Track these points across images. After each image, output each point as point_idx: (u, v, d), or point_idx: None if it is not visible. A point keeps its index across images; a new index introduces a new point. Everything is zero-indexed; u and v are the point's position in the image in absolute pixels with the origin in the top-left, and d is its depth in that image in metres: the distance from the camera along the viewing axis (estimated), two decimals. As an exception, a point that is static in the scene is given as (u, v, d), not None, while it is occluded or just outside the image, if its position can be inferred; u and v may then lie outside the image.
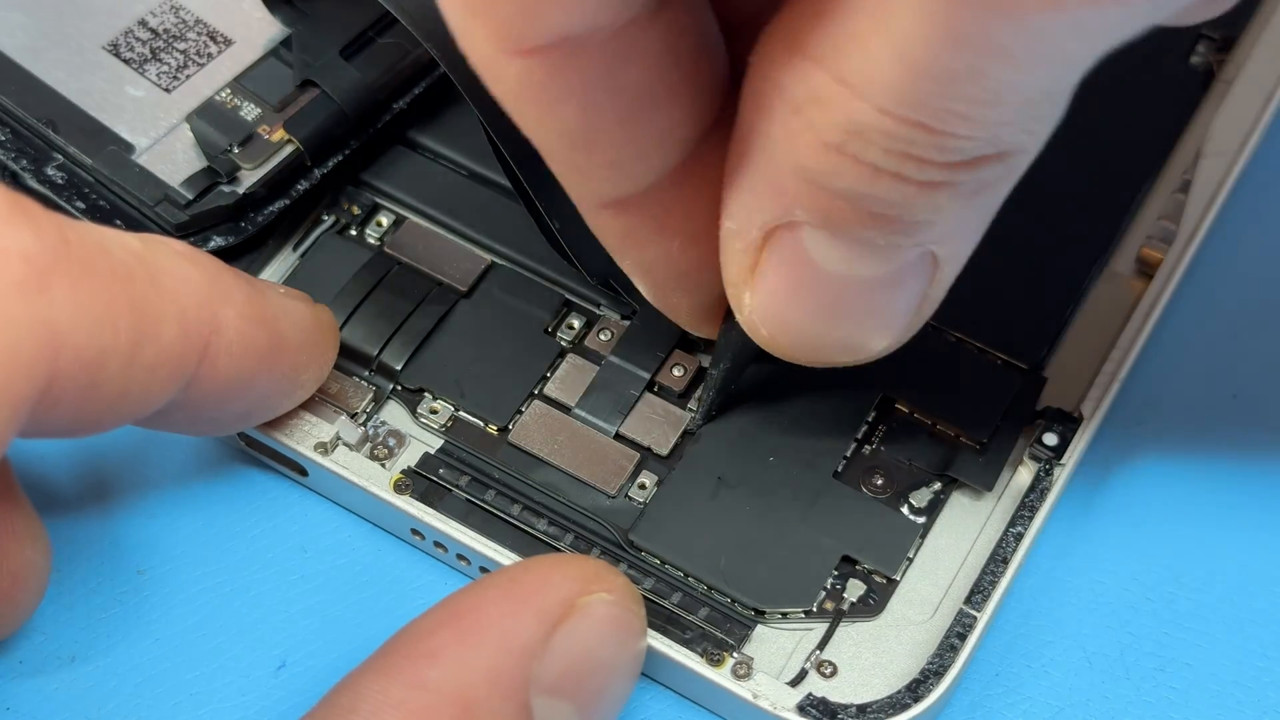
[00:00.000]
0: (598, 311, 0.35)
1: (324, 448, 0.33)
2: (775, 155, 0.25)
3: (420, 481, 0.33)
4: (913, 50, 0.22)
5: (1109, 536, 0.34)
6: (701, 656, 0.30)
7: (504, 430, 0.33)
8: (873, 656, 0.31)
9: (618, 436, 0.33)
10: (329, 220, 0.36)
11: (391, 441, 0.33)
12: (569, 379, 0.34)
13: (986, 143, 0.24)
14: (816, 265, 0.27)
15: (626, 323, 0.35)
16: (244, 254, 0.35)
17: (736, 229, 0.27)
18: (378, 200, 0.36)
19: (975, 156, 0.24)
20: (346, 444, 0.33)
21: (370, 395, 0.33)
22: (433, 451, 0.33)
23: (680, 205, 0.28)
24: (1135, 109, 0.38)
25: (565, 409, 0.34)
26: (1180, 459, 0.35)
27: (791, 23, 0.24)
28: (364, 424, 0.33)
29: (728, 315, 0.31)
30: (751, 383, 0.33)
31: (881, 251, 0.26)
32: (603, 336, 0.34)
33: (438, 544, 0.33)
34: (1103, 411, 0.34)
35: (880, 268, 0.27)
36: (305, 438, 0.33)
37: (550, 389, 0.34)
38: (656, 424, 0.33)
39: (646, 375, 0.34)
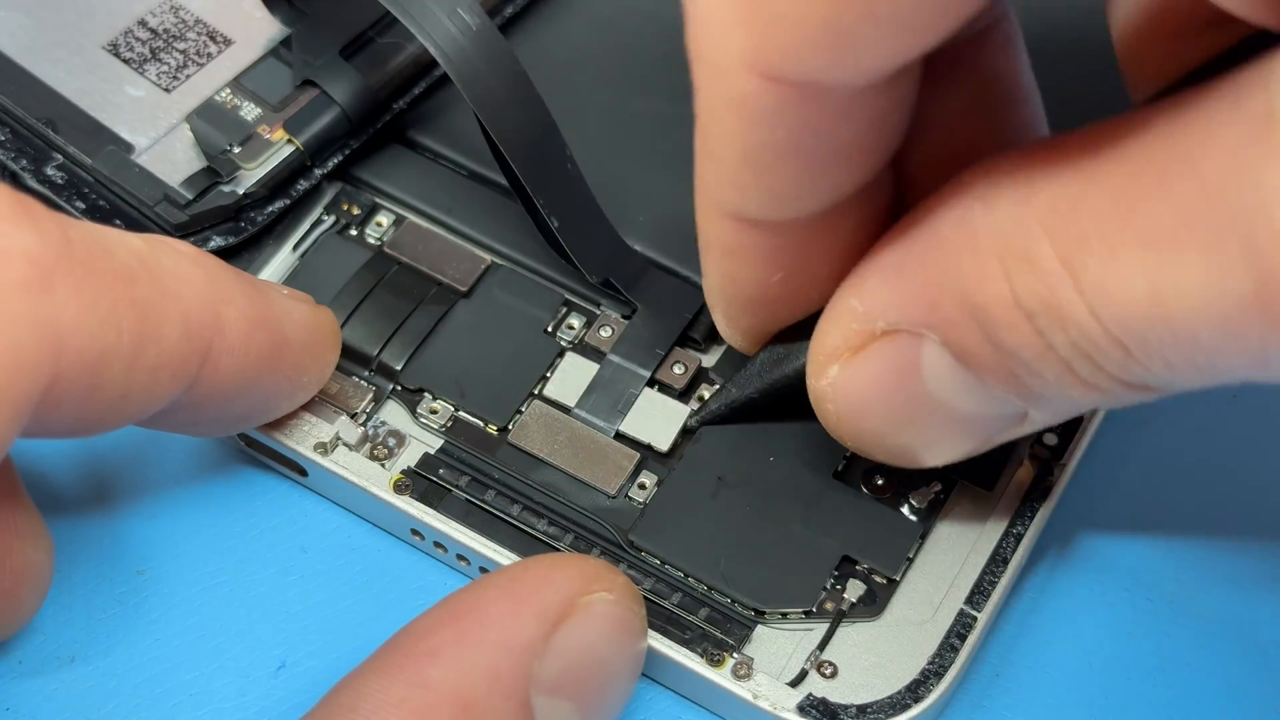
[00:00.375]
0: (597, 311, 0.35)
1: (324, 448, 0.33)
2: (949, 277, 0.25)
3: (420, 481, 0.33)
4: (1179, 308, 0.22)
5: (1109, 537, 0.34)
6: (702, 657, 0.30)
7: (504, 430, 0.33)
8: (873, 657, 0.31)
9: (618, 436, 0.33)
10: (329, 220, 0.36)
11: (391, 441, 0.33)
12: (569, 378, 0.34)
13: (1163, 382, 0.24)
14: (921, 380, 0.27)
15: (626, 321, 0.35)
16: (244, 254, 0.35)
17: (862, 310, 0.27)
18: (377, 200, 0.36)
19: (1144, 385, 0.25)
20: (346, 444, 0.33)
21: (370, 395, 0.33)
22: (432, 451, 0.33)
23: (803, 246, 0.28)
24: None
25: (565, 409, 0.34)
26: (1180, 459, 0.35)
27: (1033, 175, 0.24)
28: (364, 424, 0.33)
29: (773, 341, 0.32)
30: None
31: (988, 398, 0.27)
32: (603, 333, 0.34)
33: (438, 544, 0.33)
34: (1103, 412, 0.34)
35: (977, 408, 0.27)
36: (305, 438, 0.33)
37: (550, 389, 0.34)
38: (657, 422, 0.33)
39: (647, 373, 0.34)
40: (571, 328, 0.35)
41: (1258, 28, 0.22)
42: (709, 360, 0.34)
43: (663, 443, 0.33)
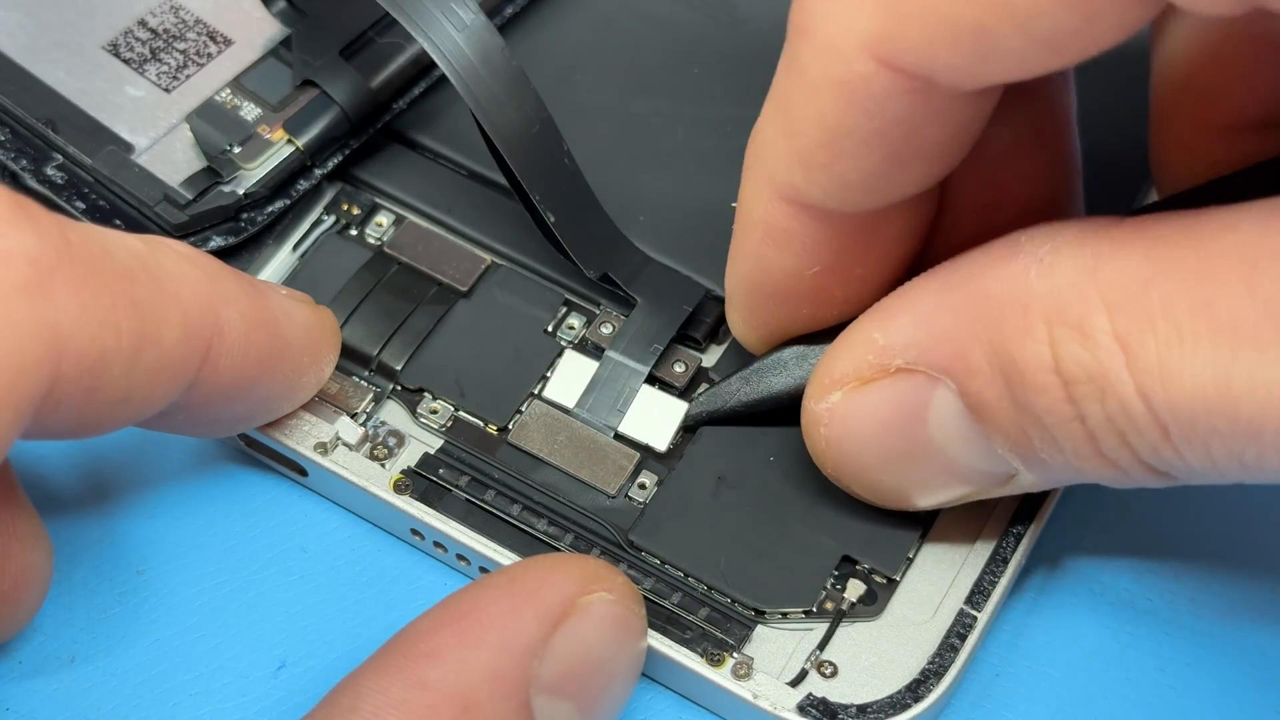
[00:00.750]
0: (597, 311, 0.35)
1: (324, 448, 0.33)
2: (986, 330, 0.26)
3: (420, 481, 0.33)
4: (1249, 402, 0.23)
5: (1109, 536, 0.34)
6: (702, 656, 0.30)
7: (504, 430, 0.33)
8: (873, 656, 0.31)
9: (617, 436, 0.33)
10: (329, 220, 0.36)
11: (391, 441, 0.33)
12: (569, 377, 0.34)
13: (1187, 472, 0.25)
14: (924, 424, 0.28)
15: (625, 318, 0.35)
16: (244, 254, 0.35)
17: (882, 343, 0.28)
18: (377, 200, 0.36)
19: (1165, 471, 0.25)
20: (346, 444, 0.33)
21: (370, 395, 0.33)
22: (432, 451, 0.33)
23: (846, 243, 0.28)
24: (1134, 107, 0.38)
25: (565, 409, 0.34)
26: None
27: (1101, 249, 0.24)
28: (364, 424, 0.33)
29: (778, 349, 0.32)
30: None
31: (988, 454, 0.27)
32: (604, 330, 0.34)
33: (437, 544, 0.33)
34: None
35: (973, 462, 0.28)
36: (305, 438, 0.33)
37: (550, 389, 0.34)
38: (656, 421, 0.33)
39: (645, 369, 0.34)
40: (571, 328, 0.35)
41: None
42: (709, 359, 0.34)
43: (661, 443, 0.33)
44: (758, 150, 0.28)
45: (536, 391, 0.34)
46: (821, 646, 0.31)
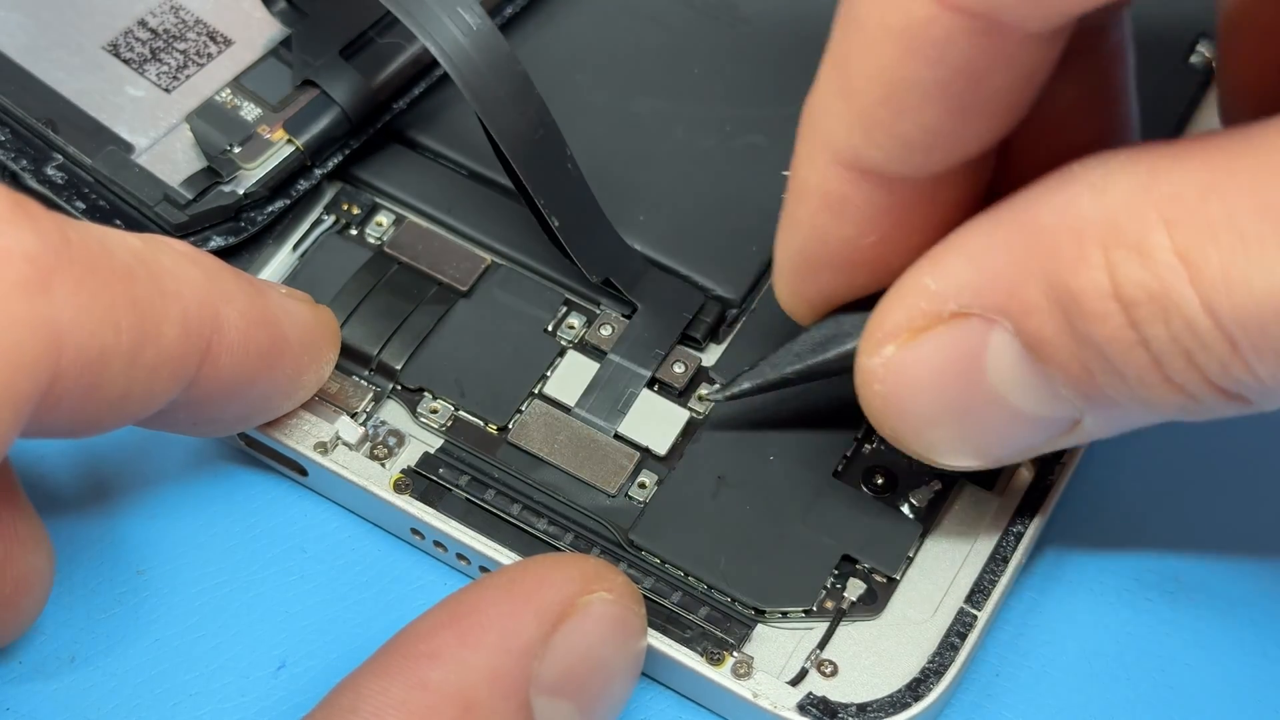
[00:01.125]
0: (597, 311, 0.35)
1: (324, 447, 0.33)
2: (1040, 263, 0.25)
3: (420, 481, 0.33)
4: None
5: (1109, 536, 0.34)
6: (702, 656, 0.30)
7: (504, 430, 0.33)
8: (873, 656, 0.31)
9: (617, 436, 0.33)
10: (329, 220, 0.36)
11: (391, 441, 0.33)
12: (569, 377, 0.34)
13: (1260, 390, 0.24)
14: (983, 370, 0.26)
15: (627, 320, 0.35)
16: (244, 254, 0.35)
17: (935, 289, 0.27)
18: (377, 200, 0.36)
19: (1238, 393, 0.24)
20: (346, 444, 0.33)
21: (370, 395, 0.33)
22: (432, 451, 0.33)
23: (907, 209, 0.27)
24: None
25: (565, 409, 0.34)
26: (1181, 460, 0.35)
27: (1155, 167, 0.24)
28: (364, 424, 0.33)
29: (829, 315, 0.31)
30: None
31: (1050, 397, 0.26)
32: (604, 331, 0.34)
33: (437, 543, 0.33)
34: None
35: (1035, 408, 0.27)
36: (305, 437, 0.33)
37: (550, 388, 0.34)
38: (656, 424, 0.33)
39: (647, 373, 0.34)
40: (571, 327, 0.35)
41: None
42: (709, 359, 0.34)
43: (661, 446, 0.33)
44: (814, 116, 0.27)
45: (536, 391, 0.34)
46: (821, 646, 0.31)
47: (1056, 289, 0.25)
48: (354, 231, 0.36)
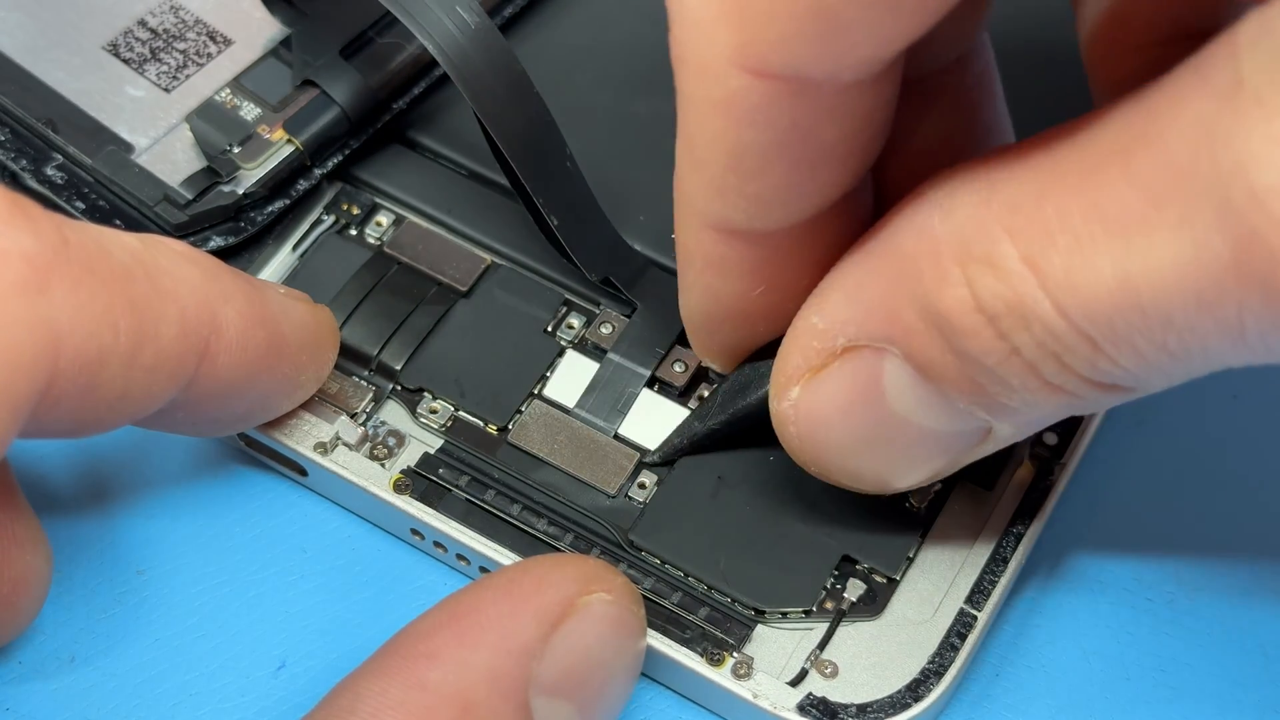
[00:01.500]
0: (597, 311, 0.35)
1: (323, 448, 0.33)
2: (909, 288, 0.25)
3: (420, 481, 0.33)
4: (1150, 289, 0.22)
5: (1109, 537, 0.34)
6: (702, 656, 0.30)
7: (504, 430, 0.33)
8: (873, 656, 0.31)
9: (617, 436, 0.33)
10: (328, 220, 0.36)
11: (391, 441, 0.33)
12: (569, 377, 0.34)
13: (1133, 378, 0.24)
14: (883, 397, 0.27)
15: (627, 319, 0.35)
16: (243, 254, 0.35)
17: (822, 327, 0.27)
18: (377, 200, 0.36)
19: (1113, 384, 0.24)
20: (346, 444, 0.33)
21: (370, 395, 0.33)
22: (432, 451, 0.33)
23: (784, 258, 0.28)
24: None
25: (565, 409, 0.34)
26: (1181, 460, 0.35)
27: (992, 178, 0.24)
28: (364, 424, 0.33)
29: (746, 362, 0.31)
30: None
31: (953, 413, 0.27)
32: (604, 330, 0.34)
33: (437, 544, 0.33)
34: (1103, 412, 0.34)
35: (942, 425, 0.27)
36: (305, 438, 0.33)
37: (550, 388, 0.34)
38: (656, 424, 0.33)
39: (647, 372, 0.34)
40: (571, 327, 0.35)
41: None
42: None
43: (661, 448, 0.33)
44: (679, 186, 0.28)
45: (536, 391, 0.34)
46: (822, 646, 0.31)
47: (928, 311, 0.25)
48: (354, 231, 0.36)
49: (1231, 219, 0.21)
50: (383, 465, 0.33)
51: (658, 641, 0.30)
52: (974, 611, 0.31)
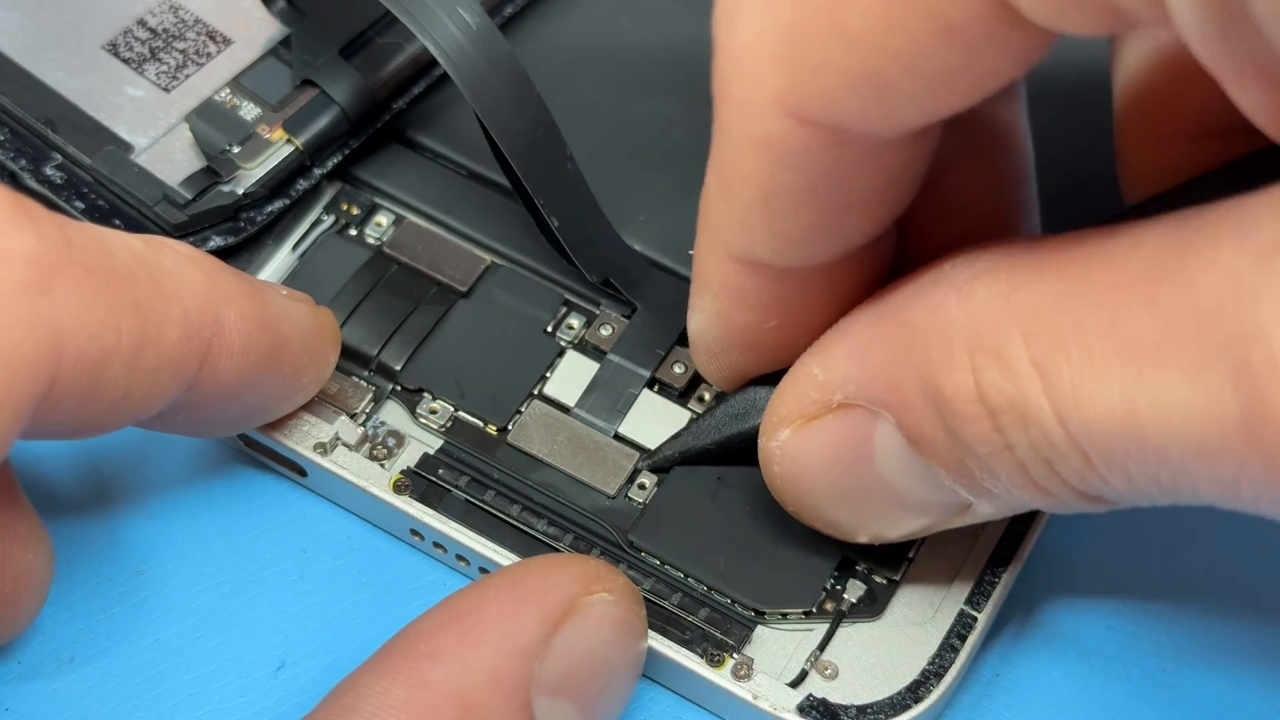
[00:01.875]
0: (597, 312, 0.35)
1: (323, 448, 0.33)
2: (914, 362, 0.25)
3: (420, 482, 0.33)
4: (1154, 424, 0.22)
5: (1109, 536, 0.34)
6: (702, 657, 0.30)
7: (503, 430, 0.33)
8: (873, 657, 0.31)
9: (617, 437, 0.33)
10: (328, 220, 0.36)
11: (391, 442, 0.33)
12: (569, 378, 0.34)
13: (1116, 495, 0.24)
14: (870, 458, 0.27)
15: (627, 320, 0.35)
16: (243, 254, 0.35)
17: (822, 379, 0.27)
18: (377, 200, 0.36)
19: (1097, 496, 0.25)
20: (346, 444, 0.33)
21: (369, 395, 0.33)
22: (432, 452, 0.33)
23: (802, 296, 0.28)
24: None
25: (565, 409, 0.34)
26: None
27: (1015, 273, 0.24)
28: (363, 424, 0.33)
29: (746, 386, 0.31)
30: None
31: (935, 486, 0.27)
32: (604, 331, 0.34)
33: (437, 544, 0.32)
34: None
35: (923, 495, 0.28)
36: (304, 438, 0.33)
37: (550, 389, 0.34)
38: (656, 424, 0.33)
39: (647, 373, 0.34)
40: (571, 327, 0.35)
41: (1271, 143, 0.22)
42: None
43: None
44: (706, 213, 0.28)
45: (536, 391, 0.34)
46: (822, 647, 0.31)
47: (930, 389, 0.25)
48: (353, 231, 0.36)
49: (1246, 380, 0.21)
50: (382, 466, 0.33)
51: (658, 642, 0.30)
52: (974, 612, 0.31)
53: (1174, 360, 0.22)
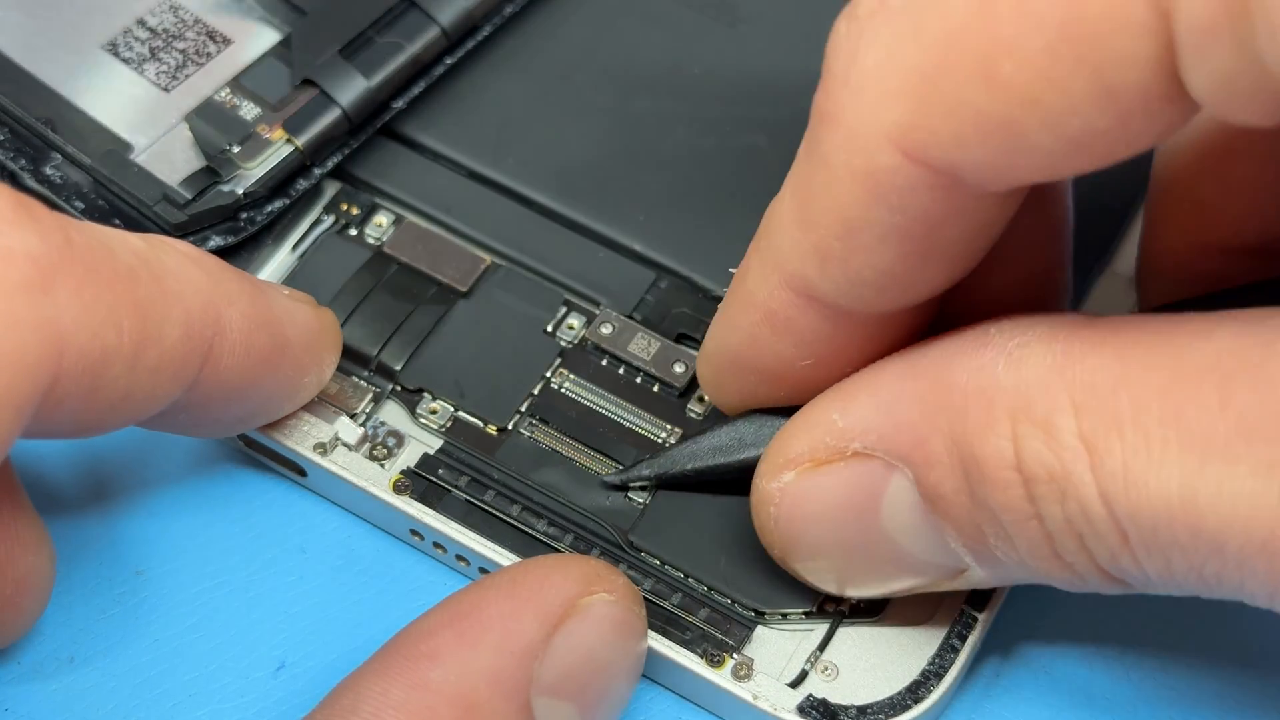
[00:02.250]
0: (597, 311, 0.35)
1: (323, 448, 0.33)
2: (948, 421, 0.25)
3: (419, 482, 0.32)
4: (1214, 516, 0.22)
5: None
6: (702, 658, 0.30)
7: (503, 430, 0.33)
8: (873, 657, 0.31)
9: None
10: (328, 220, 0.36)
11: (391, 442, 0.33)
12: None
13: (1143, 581, 0.24)
14: (877, 512, 0.27)
15: (627, 318, 0.34)
16: (242, 254, 0.35)
17: (841, 426, 0.27)
18: (376, 200, 0.36)
19: (1120, 578, 0.25)
20: (345, 444, 0.33)
21: (369, 395, 0.33)
22: (432, 452, 0.33)
23: (845, 342, 0.27)
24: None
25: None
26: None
27: (1072, 347, 0.24)
28: (363, 424, 0.33)
29: (752, 413, 0.31)
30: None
31: (939, 547, 0.27)
32: (604, 330, 0.34)
33: (437, 544, 0.32)
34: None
35: (924, 554, 0.27)
36: (304, 438, 0.33)
37: (550, 388, 0.34)
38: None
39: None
40: (571, 327, 0.35)
41: None
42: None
43: (664, 445, 0.33)
44: (771, 233, 0.27)
45: (536, 391, 0.34)
46: (822, 647, 0.31)
47: (961, 449, 0.25)
48: (353, 231, 0.36)
49: None
50: (382, 466, 0.33)
51: (658, 643, 0.30)
52: (974, 612, 0.31)
53: (1247, 455, 0.22)
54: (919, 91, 0.23)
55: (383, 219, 0.36)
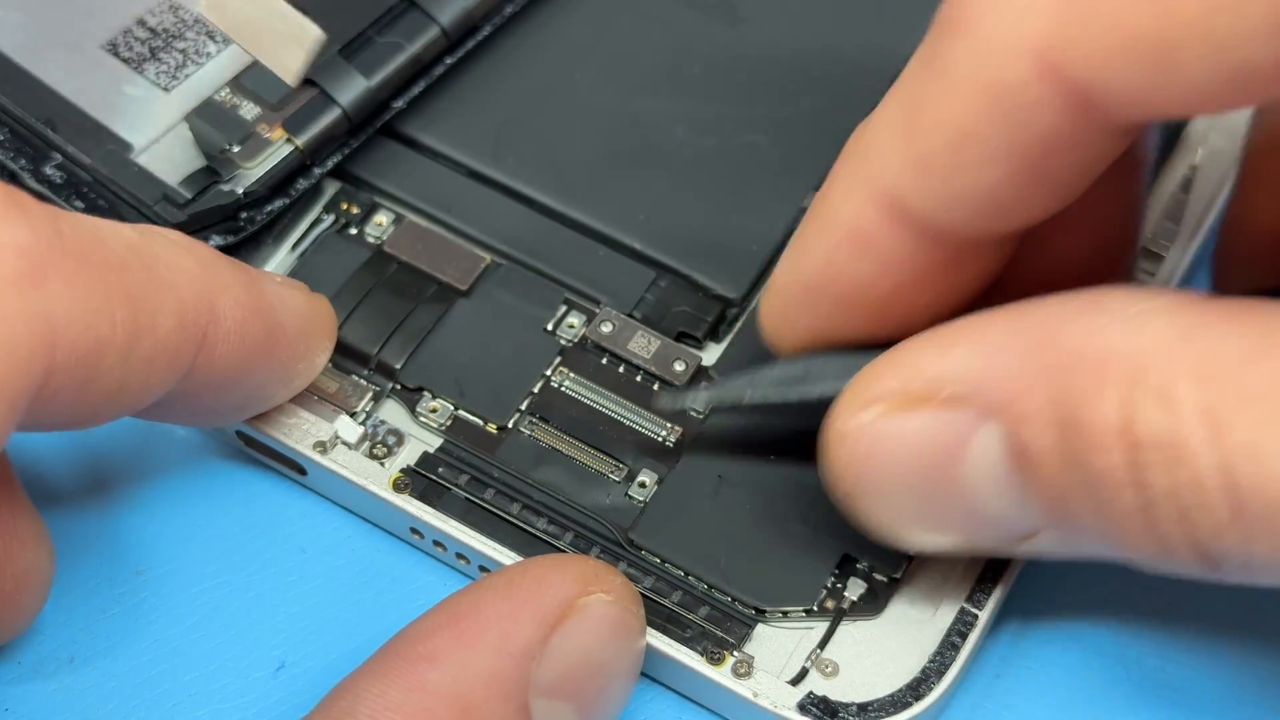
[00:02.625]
0: (597, 310, 0.35)
1: (323, 447, 0.33)
2: (1053, 379, 0.24)
3: (419, 480, 0.32)
4: None
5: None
6: (702, 655, 0.30)
7: (503, 429, 0.33)
8: (874, 655, 0.31)
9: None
10: (328, 219, 0.36)
11: (390, 440, 0.33)
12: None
13: (1237, 566, 0.24)
14: (958, 462, 0.26)
15: (627, 316, 0.34)
16: (242, 253, 0.35)
17: (935, 370, 0.26)
18: (376, 199, 0.36)
19: (1215, 559, 0.24)
20: (345, 443, 0.33)
21: (369, 394, 0.33)
22: (432, 450, 0.33)
23: (930, 267, 0.27)
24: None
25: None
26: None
27: (1200, 320, 0.23)
28: (363, 423, 0.33)
29: (806, 354, 0.30)
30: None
31: (1018, 507, 0.26)
32: (604, 329, 0.34)
33: (437, 543, 0.32)
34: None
35: (1000, 512, 0.26)
36: (304, 437, 0.33)
37: (550, 387, 0.34)
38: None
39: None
40: (572, 326, 0.34)
41: None
42: (709, 358, 0.34)
43: (665, 443, 0.33)
44: (864, 148, 0.26)
45: (536, 390, 0.34)
46: (822, 645, 0.31)
47: (1062, 409, 0.24)
48: (353, 231, 0.36)
49: None
50: (382, 464, 0.33)
51: (657, 640, 0.30)
52: (975, 610, 0.31)
53: None
54: (1075, 9, 0.22)
55: (383, 218, 0.36)
